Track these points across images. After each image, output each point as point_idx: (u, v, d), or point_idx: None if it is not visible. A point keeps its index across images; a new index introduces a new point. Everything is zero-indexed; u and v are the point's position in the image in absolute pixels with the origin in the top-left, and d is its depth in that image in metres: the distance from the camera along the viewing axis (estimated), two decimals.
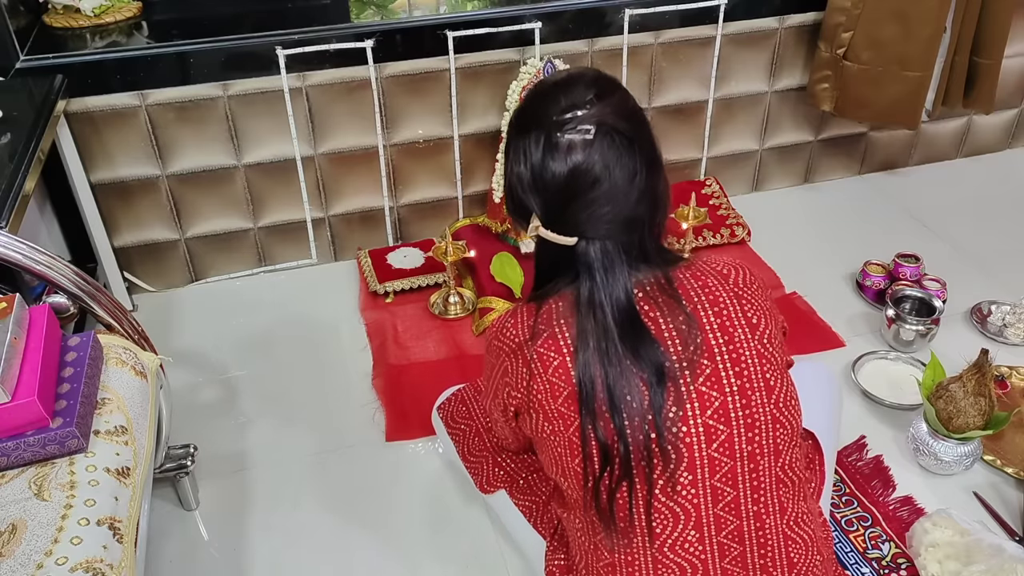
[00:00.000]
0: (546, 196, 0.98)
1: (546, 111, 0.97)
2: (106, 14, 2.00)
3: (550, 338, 0.98)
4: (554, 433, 0.99)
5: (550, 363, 0.97)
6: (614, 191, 0.95)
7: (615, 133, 0.95)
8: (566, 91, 0.98)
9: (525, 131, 0.98)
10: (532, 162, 0.97)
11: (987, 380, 1.50)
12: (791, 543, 1.04)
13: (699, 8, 2.12)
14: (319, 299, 2.11)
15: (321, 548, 1.49)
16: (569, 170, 0.95)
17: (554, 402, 0.98)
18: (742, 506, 1.00)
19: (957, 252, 2.21)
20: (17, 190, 1.37)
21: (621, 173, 0.95)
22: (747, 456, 0.98)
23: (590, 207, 0.96)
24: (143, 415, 1.24)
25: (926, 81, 2.19)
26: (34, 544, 0.98)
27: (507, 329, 1.03)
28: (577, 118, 0.95)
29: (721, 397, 0.97)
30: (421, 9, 2.15)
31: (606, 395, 0.95)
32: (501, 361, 1.03)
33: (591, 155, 0.94)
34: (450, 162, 2.17)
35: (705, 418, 0.96)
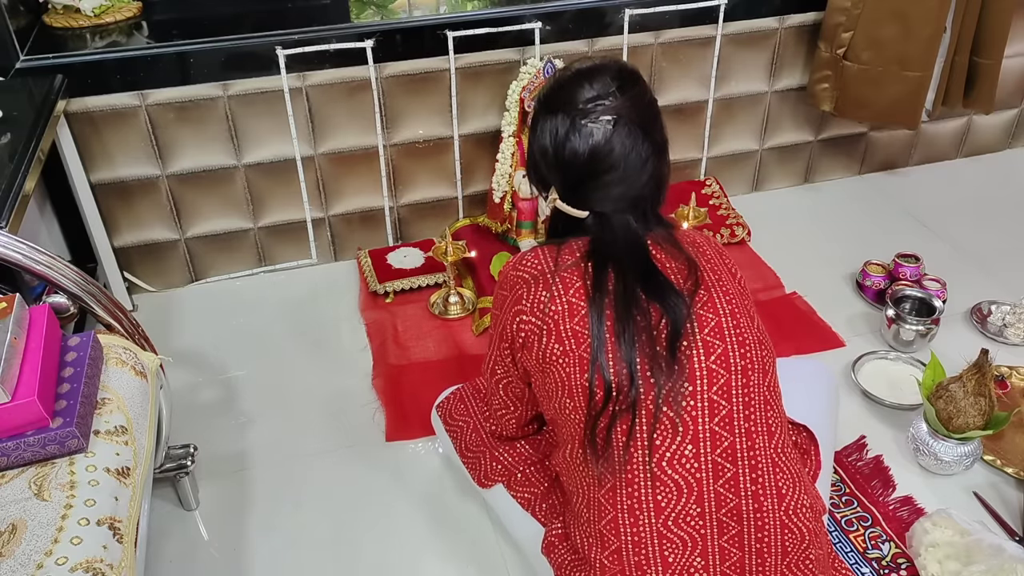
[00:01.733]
0: (565, 173, 1.09)
1: (573, 96, 1.06)
2: (106, 14, 2.00)
3: (574, 266, 1.08)
4: (564, 353, 1.06)
5: (571, 285, 1.07)
6: (627, 175, 1.06)
7: (632, 124, 1.05)
8: (592, 80, 1.07)
9: (552, 111, 1.08)
10: (556, 141, 1.07)
11: (987, 380, 1.50)
12: (787, 532, 1.08)
13: (699, 8, 2.12)
14: (319, 299, 2.11)
15: (321, 548, 1.49)
16: (589, 154, 1.05)
17: (570, 320, 1.06)
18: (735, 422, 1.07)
19: (957, 252, 2.21)
20: (17, 190, 1.37)
21: (635, 159, 1.06)
22: (740, 370, 1.07)
23: (604, 188, 1.07)
24: (143, 415, 1.24)
25: (926, 81, 2.19)
26: (34, 544, 0.98)
27: (527, 260, 1.12)
28: (600, 107, 1.05)
29: (716, 318, 1.07)
30: (421, 9, 2.15)
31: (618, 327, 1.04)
32: (516, 288, 1.11)
33: (610, 143, 1.05)
34: (450, 162, 2.17)
35: (703, 335, 1.06)
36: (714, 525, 1.07)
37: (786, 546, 1.08)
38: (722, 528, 1.07)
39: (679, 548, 1.07)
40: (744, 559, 1.07)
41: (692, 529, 1.07)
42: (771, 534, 1.07)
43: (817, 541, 1.11)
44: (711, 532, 1.07)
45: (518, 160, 2.04)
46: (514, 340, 1.12)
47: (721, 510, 1.07)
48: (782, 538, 1.08)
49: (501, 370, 1.20)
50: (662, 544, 1.07)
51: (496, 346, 1.18)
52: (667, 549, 1.07)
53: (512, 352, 1.14)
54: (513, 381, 1.21)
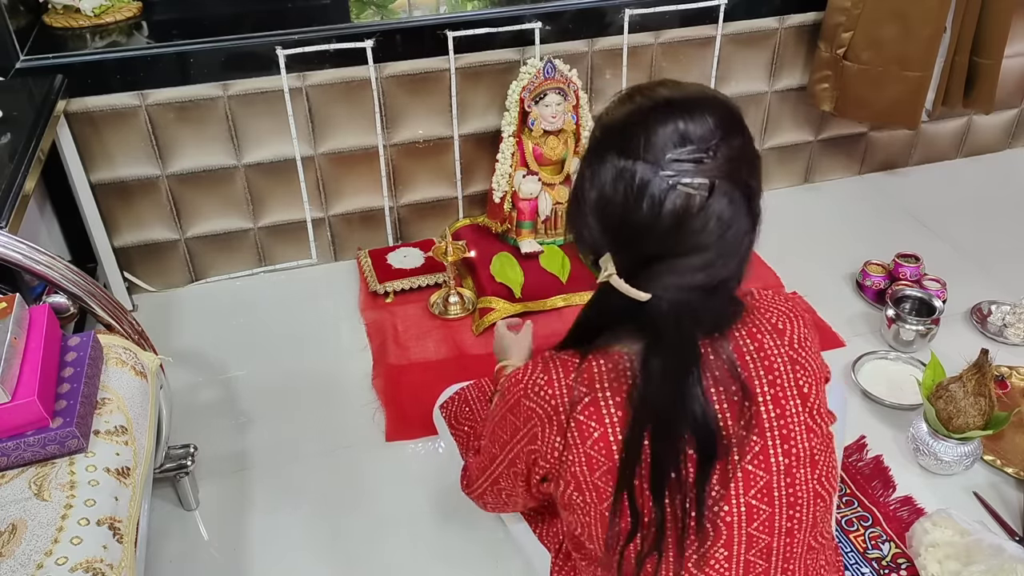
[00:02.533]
0: (632, 244, 0.82)
1: (662, 140, 0.78)
2: (106, 14, 2.00)
3: (592, 404, 0.87)
4: (585, 504, 0.90)
5: (590, 434, 0.87)
6: (717, 258, 0.81)
7: (735, 190, 0.79)
8: (690, 121, 0.79)
9: (628, 155, 0.79)
10: (628, 199, 0.79)
11: (987, 380, 1.50)
12: None
13: (699, 8, 2.12)
14: (319, 299, 2.11)
15: (321, 548, 1.49)
16: (674, 225, 0.79)
17: (590, 475, 0.88)
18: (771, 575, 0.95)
19: (957, 252, 2.21)
20: (17, 190, 1.37)
21: (732, 237, 0.81)
22: (784, 531, 0.92)
23: (682, 272, 0.82)
24: (143, 415, 1.24)
25: (926, 81, 2.19)
26: (34, 544, 0.98)
27: (540, 388, 0.90)
28: (700, 165, 0.78)
29: (767, 476, 0.88)
30: (421, 9, 2.15)
31: (649, 471, 0.86)
32: (530, 424, 0.91)
33: (706, 214, 0.78)
34: (450, 162, 2.17)
35: (748, 498, 0.89)
36: None
37: None
38: None
39: None
40: None
41: None
42: None
43: None
44: None
45: (518, 160, 2.04)
46: (531, 475, 0.96)
47: None
48: None
49: (506, 485, 1.02)
50: None
51: (503, 468, 1.00)
52: None
53: (526, 482, 0.98)
54: (519, 499, 1.05)
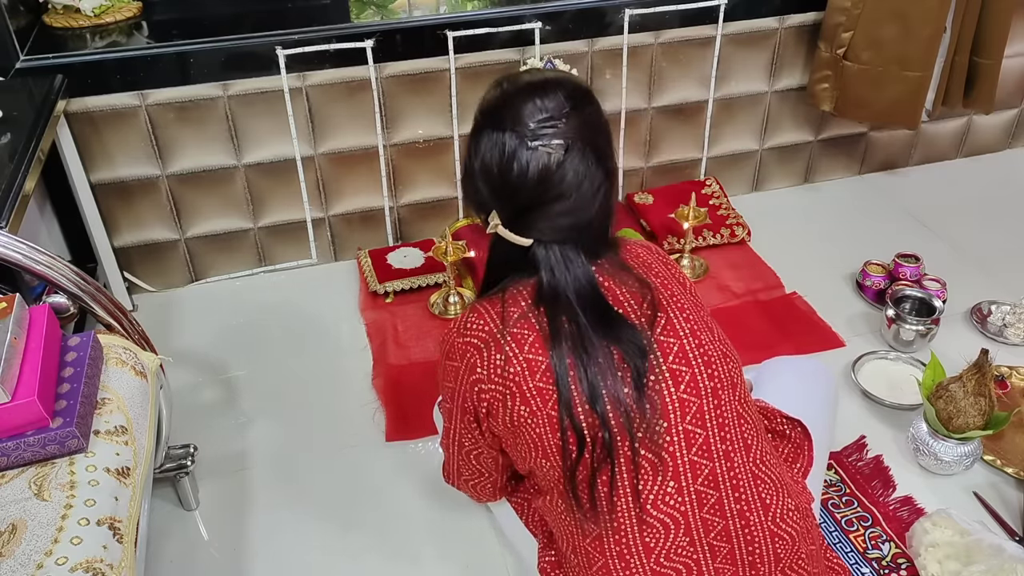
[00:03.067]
0: (510, 198, 1.00)
1: (522, 112, 0.97)
2: (106, 14, 2.00)
3: (521, 318, 1.01)
4: (532, 414, 1.01)
5: (525, 340, 1.00)
6: (578, 204, 0.98)
7: (586, 148, 0.97)
8: (544, 96, 0.97)
9: (499, 127, 0.98)
10: (503, 162, 0.97)
11: (987, 380, 1.50)
12: (777, 539, 1.07)
13: (699, 8, 2.12)
14: (319, 299, 2.11)
15: (321, 548, 1.49)
16: (538, 180, 0.96)
17: (532, 379, 1.00)
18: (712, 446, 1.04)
19: (957, 252, 2.21)
20: (17, 190, 1.37)
21: (587, 187, 0.98)
22: (711, 392, 1.04)
23: (552, 217, 0.99)
24: (143, 415, 1.24)
25: (926, 81, 2.19)
26: (34, 544, 0.98)
27: (471, 323, 1.05)
28: (553, 130, 0.96)
29: (678, 342, 1.03)
30: (421, 9, 2.15)
31: (580, 373, 0.99)
32: (467, 356, 1.04)
33: (562, 168, 0.96)
34: (450, 162, 2.17)
35: (668, 364, 1.02)
36: (705, 550, 1.05)
37: (778, 552, 1.07)
38: (713, 551, 1.05)
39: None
40: (739, 573, 1.06)
41: (685, 559, 1.04)
42: (761, 545, 1.06)
43: (808, 538, 1.11)
44: (703, 557, 1.05)
45: None
46: (477, 410, 1.06)
47: (710, 535, 1.04)
48: (773, 546, 1.07)
49: (469, 441, 1.13)
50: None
51: (458, 419, 1.11)
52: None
53: (478, 422, 1.08)
54: (483, 450, 1.14)
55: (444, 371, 1.09)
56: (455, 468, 1.20)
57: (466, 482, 1.22)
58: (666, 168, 2.38)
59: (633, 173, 2.36)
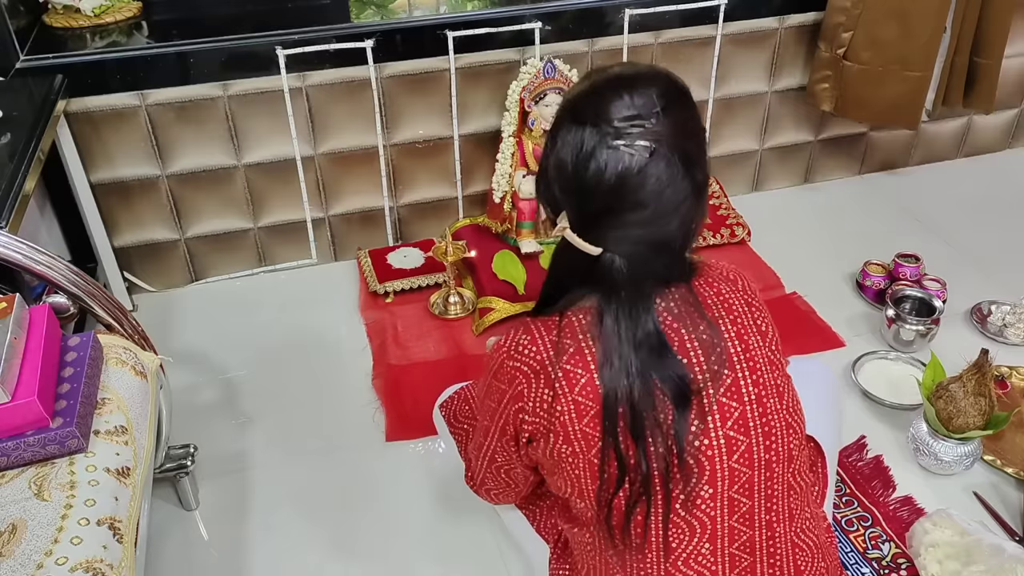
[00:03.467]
0: (583, 199, 0.92)
1: (608, 107, 0.89)
2: (106, 14, 2.00)
3: (576, 354, 0.94)
4: (573, 455, 0.96)
5: (577, 381, 0.93)
6: (656, 216, 0.90)
7: (674, 154, 0.88)
8: (635, 91, 0.89)
9: (580, 121, 0.90)
10: (579, 159, 0.90)
11: (987, 380, 1.50)
12: (798, 550, 1.04)
13: (699, 8, 2.12)
14: (319, 299, 2.11)
15: (321, 548, 1.49)
16: (616, 183, 0.88)
17: (579, 422, 0.94)
18: (755, 516, 0.99)
19: (957, 252, 2.21)
20: (17, 190, 1.37)
21: (669, 198, 0.89)
22: (764, 464, 0.97)
23: (626, 226, 0.91)
24: (143, 415, 1.24)
25: (926, 81, 2.19)
26: (34, 544, 0.98)
27: (524, 347, 0.97)
28: (639, 129, 0.88)
29: (740, 407, 0.95)
30: (421, 9, 2.15)
31: (629, 413, 0.92)
32: (515, 383, 0.97)
33: (644, 174, 0.88)
34: (450, 162, 2.17)
35: (726, 429, 0.95)
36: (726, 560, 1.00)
37: (799, 565, 1.03)
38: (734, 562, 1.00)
39: None
40: None
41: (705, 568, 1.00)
42: (783, 558, 1.02)
43: (825, 551, 1.08)
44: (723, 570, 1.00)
45: (518, 160, 2.04)
46: (518, 435, 1.01)
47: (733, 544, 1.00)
48: (794, 559, 1.03)
49: (502, 458, 1.08)
50: None
51: (495, 439, 1.05)
52: None
53: (517, 446, 1.03)
54: (516, 468, 1.10)
55: (488, 389, 1.03)
56: (480, 478, 1.16)
57: (488, 491, 1.19)
58: None
59: None
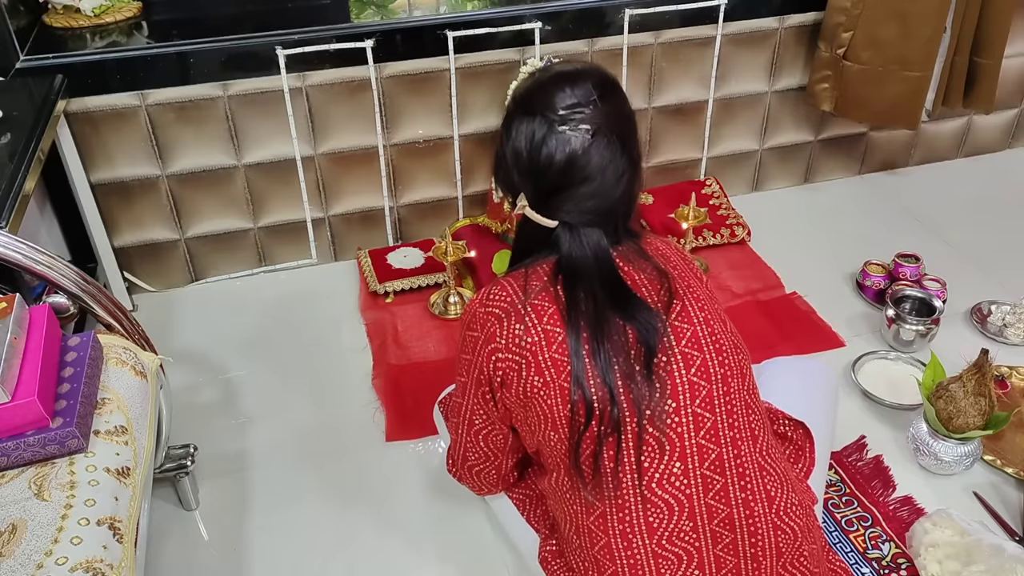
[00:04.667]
0: (537, 181, 1.04)
1: (552, 99, 1.02)
2: (106, 14, 2.00)
3: (543, 291, 1.05)
4: (544, 384, 1.04)
5: (544, 312, 1.04)
6: (602, 188, 1.03)
7: (611, 135, 1.02)
8: (574, 85, 1.03)
9: (530, 113, 1.03)
10: (532, 145, 1.03)
11: (987, 380, 1.50)
12: (780, 533, 1.08)
13: (699, 8, 2.12)
14: (319, 299, 2.11)
15: (321, 548, 1.49)
16: (565, 163, 1.01)
17: (548, 349, 1.03)
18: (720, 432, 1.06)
19: (957, 252, 2.21)
20: (17, 190, 1.37)
21: (611, 172, 1.03)
22: (720, 378, 1.07)
23: (577, 199, 1.03)
24: (143, 415, 1.24)
25: (926, 81, 2.19)
26: (34, 544, 0.98)
27: (495, 295, 1.08)
28: (580, 115, 1.01)
29: (692, 328, 1.06)
30: (421, 9, 2.15)
31: (594, 347, 1.02)
32: (488, 326, 1.07)
33: (588, 153, 1.01)
34: (450, 162, 2.17)
35: (681, 347, 1.05)
36: (708, 537, 1.06)
37: (780, 547, 1.08)
38: (716, 538, 1.06)
39: (675, 564, 1.06)
40: (740, 564, 1.07)
41: (687, 544, 1.06)
42: (764, 537, 1.07)
43: (810, 536, 1.11)
44: (705, 544, 1.06)
45: None
46: (492, 380, 1.08)
47: (713, 521, 1.06)
48: (775, 539, 1.08)
49: (480, 419, 1.15)
50: (658, 563, 1.06)
51: (472, 392, 1.13)
52: (663, 567, 1.06)
53: (492, 393, 1.10)
54: (494, 429, 1.16)
55: (463, 343, 1.12)
56: (461, 453, 1.21)
57: (470, 469, 1.23)
58: (666, 168, 2.38)
59: None
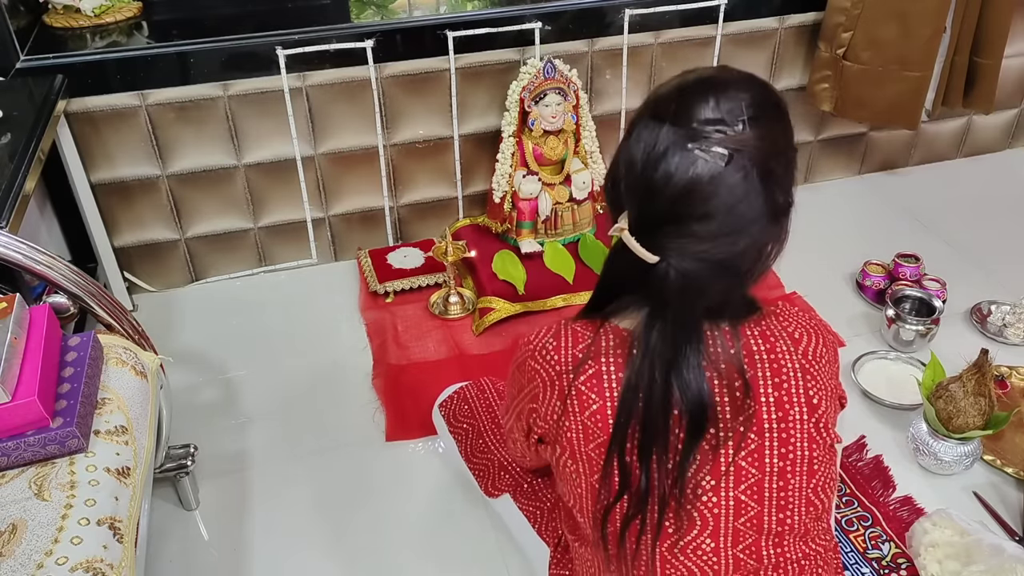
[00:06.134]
0: (645, 201, 0.85)
1: (690, 108, 0.83)
2: (106, 14, 2.00)
3: (595, 377, 0.90)
4: (576, 473, 0.94)
5: (588, 406, 0.90)
6: (724, 230, 0.83)
7: (753, 169, 0.82)
8: (722, 96, 0.84)
9: (659, 118, 0.84)
10: (649, 158, 0.83)
11: (987, 380, 1.50)
12: None
13: (699, 8, 2.12)
14: (319, 299, 2.11)
15: (321, 548, 1.49)
16: (683, 188, 0.82)
17: (584, 445, 0.91)
18: None
19: (957, 252, 2.21)
20: (17, 190, 1.37)
21: (741, 214, 0.82)
22: (774, 534, 0.93)
23: (687, 237, 0.83)
24: (143, 415, 1.24)
25: (926, 81, 2.19)
26: (34, 544, 0.98)
27: (547, 351, 0.93)
28: (719, 135, 0.81)
29: (759, 475, 0.91)
30: (421, 9, 2.15)
31: (640, 429, 0.88)
32: (532, 384, 0.95)
33: (715, 184, 0.81)
34: (450, 162, 2.17)
35: (738, 492, 0.91)
36: None
37: None
38: None
39: None
40: None
41: None
42: None
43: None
44: None
45: (518, 160, 2.04)
46: (530, 432, 0.99)
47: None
48: None
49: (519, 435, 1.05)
50: None
51: (513, 422, 1.03)
52: None
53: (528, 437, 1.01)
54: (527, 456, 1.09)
55: (512, 375, 1.01)
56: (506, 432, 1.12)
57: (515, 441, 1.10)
58: None
59: None
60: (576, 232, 2.12)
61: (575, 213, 2.10)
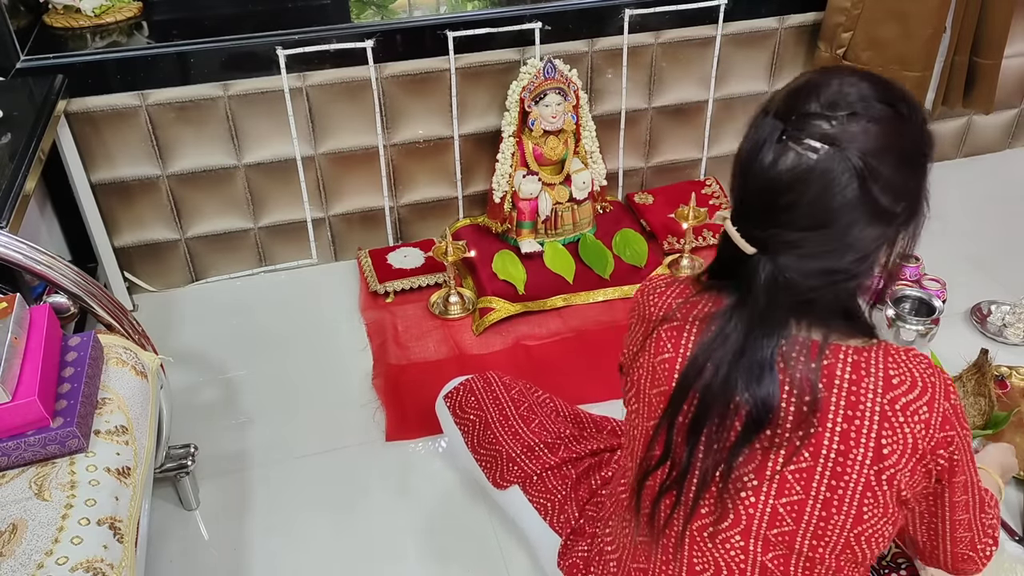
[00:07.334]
0: (744, 192, 0.87)
1: (797, 101, 0.83)
2: (106, 14, 2.00)
3: (677, 330, 0.93)
4: (637, 414, 0.98)
5: (661, 351, 0.93)
6: (810, 225, 0.81)
7: (850, 161, 0.79)
8: (827, 91, 0.82)
9: (767, 110, 0.86)
10: (751, 148, 0.85)
11: (987, 380, 1.50)
12: None
13: (699, 8, 2.12)
14: (319, 299, 2.11)
15: (321, 548, 1.49)
16: (772, 177, 0.82)
17: (649, 388, 0.95)
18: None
19: (957, 252, 2.21)
20: (17, 190, 1.37)
21: (829, 209, 0.80)
22: (805, 557, 0.92)
23: (777, 227, 0.83)
24: (143, 415, 1.24)
25: (926, 81, 2.19)
26: (35, 544, 0.98)
27: (654, 292, 0.98)
28: (814, 128, 0.80)
29: (803, 496, 0.89)
30: (421, 9, 2.15)
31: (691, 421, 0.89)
32: (633, 313, 1.02)
33: (803, 174, 0.80)
34: (450, 162, 2.17)
35: (778, 503, 0.90)
36: None
37: None
38: None
39: None
40: None
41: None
42: None
43: None
44: None
45: (518, 160, 2.04)
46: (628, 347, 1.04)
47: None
48: None
49: None
50: None
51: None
52: None
53: None
54: None
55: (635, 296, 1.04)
56: None
57: None
58: (666, 168, 2.38)
59: (633, 173, 2.36)
60: (576, 232, 2.12)
61: (575, 213, 2.10)
